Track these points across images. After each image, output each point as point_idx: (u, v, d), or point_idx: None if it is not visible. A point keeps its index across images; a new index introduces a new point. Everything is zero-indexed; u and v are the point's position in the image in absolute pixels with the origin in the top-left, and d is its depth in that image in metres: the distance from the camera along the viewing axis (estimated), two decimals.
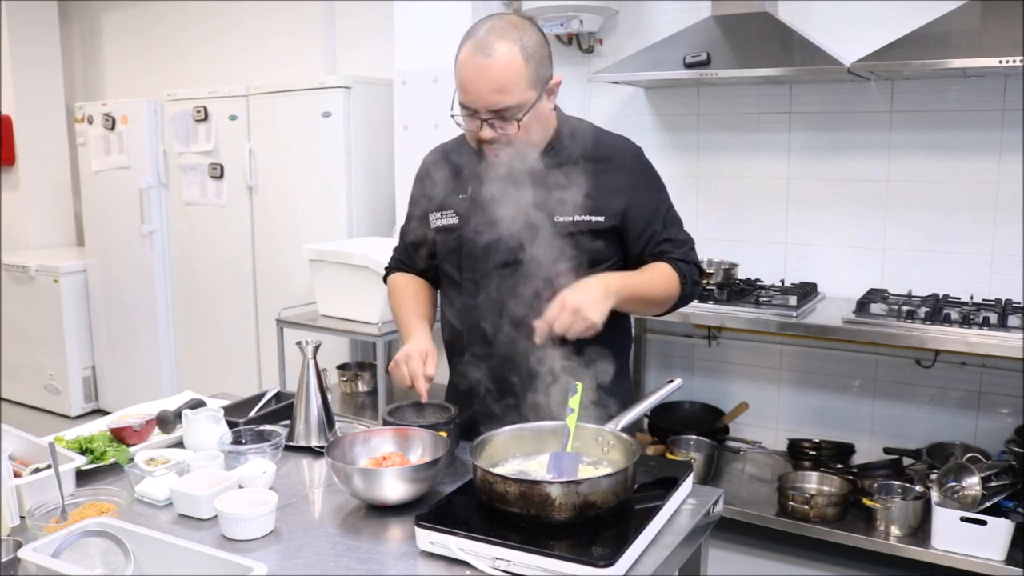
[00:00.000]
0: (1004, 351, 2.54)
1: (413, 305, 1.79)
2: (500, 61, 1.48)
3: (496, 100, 1.50)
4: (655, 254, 1.67)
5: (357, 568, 1.24)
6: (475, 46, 1.50)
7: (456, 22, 3.40)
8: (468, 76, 1.51)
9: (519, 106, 1.51)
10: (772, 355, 3.41)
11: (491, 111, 1.52)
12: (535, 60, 1.52)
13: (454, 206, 1.70)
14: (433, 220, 1.73)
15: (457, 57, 1.54)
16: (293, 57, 4.52)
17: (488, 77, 1.48)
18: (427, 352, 1.62)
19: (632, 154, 1.70)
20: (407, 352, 1.62)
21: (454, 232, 1.70)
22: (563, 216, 1.60)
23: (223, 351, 4.41)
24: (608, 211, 1.62)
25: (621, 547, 1.18)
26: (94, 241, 4.85)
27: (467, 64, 1.51)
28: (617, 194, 1.63)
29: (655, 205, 1.68)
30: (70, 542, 1.17)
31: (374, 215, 3.90)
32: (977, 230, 3.00)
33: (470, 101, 1.52)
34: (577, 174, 1.62)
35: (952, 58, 2.59)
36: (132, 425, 1.72)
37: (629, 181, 1.65)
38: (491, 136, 1.55)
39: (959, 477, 2.69)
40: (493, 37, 1.49)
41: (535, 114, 1.55)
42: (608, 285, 1.53)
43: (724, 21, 3.09)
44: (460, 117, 1.58)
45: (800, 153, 3.27)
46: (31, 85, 5.19)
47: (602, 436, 1.44)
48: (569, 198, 1.60)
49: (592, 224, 1.62)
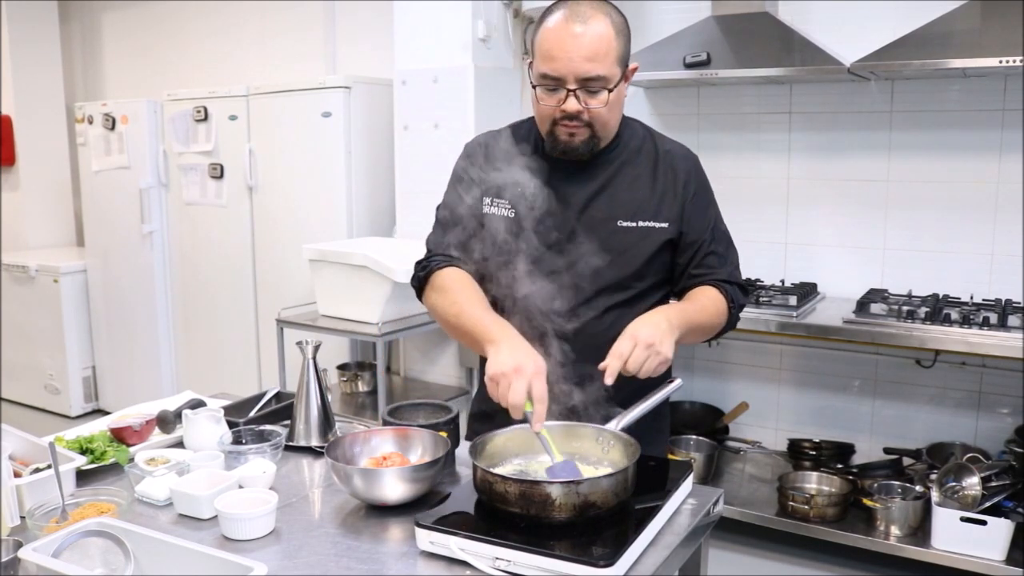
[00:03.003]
0: (1004, 351, 2.54)
1: (481, 304, 1.55)
2: (594, 30, 1.44)
3: (588, 68, 1.45)
4: (699, 269, 1.63)
5: (357, 568, 1.24)
6: (567, 14, 1.45)
7: (456, 22, 3.40)
8: (559, 43, 1.45)
9: (607, 79, 1.47)
10: (772, 355, 3.41)
11: (580, 79, 1.46)
12: (623, 37, 1.50)
13: (510, 197, 1.61)
14: (486, 206, 1.63)
15: (541, 27, 1.49)
16: (293, 57, 4.52)
17: (581, 43, 1.44)
18: (537, 370, 1.37)
19: (693, 161, 1.67)
20: (516, 365, 1.35)
21: (507, 225, 1.60)
22: (626, 221, 1.57)
23: (223, 351, 4.41)
24: (670, 217, 1.59)
25: (621, 547, 1.18)
26: (94, 241, 4.85)
27: (559, 30, 1.45)
28: (677, 201, 1.60)
29: (708, 216, 1.65)
30: (70, 542, 1.17)
31: (374, 215, 3.90)
32: (977, 230, 3.00)
33: (557, 69, 1.46)
34: (641, 176, 1.60)
35: (952, 58, 2.59)
36: (132, 425, 1.72)
37: (689, 189, 1.62)
38: (576, 109, 1.48)
39: (959, 477, 2.69)
40: (585, 8, 1.46)
41: (617, 95, 1.51)
42: (670, 318, 1.46)
43: (724, 21, 3.09)
44: (540, 90, 1.50)
45: (800, 153, 3.27)
46: (31, 85, 5.19)
47: (602, 436, 1.44)
48: (633, 202, 1.58)
49: (655, 230, 1.58)
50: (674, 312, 1.51)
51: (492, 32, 3.46)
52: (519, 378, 1.34)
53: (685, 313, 1.53)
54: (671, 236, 1.60)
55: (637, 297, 1.61)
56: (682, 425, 3.36)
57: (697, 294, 1.62)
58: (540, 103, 1.52)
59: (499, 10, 3.51)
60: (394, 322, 3.32)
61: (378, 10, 4.06)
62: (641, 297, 1.62)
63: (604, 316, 1.58)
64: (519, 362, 1.36)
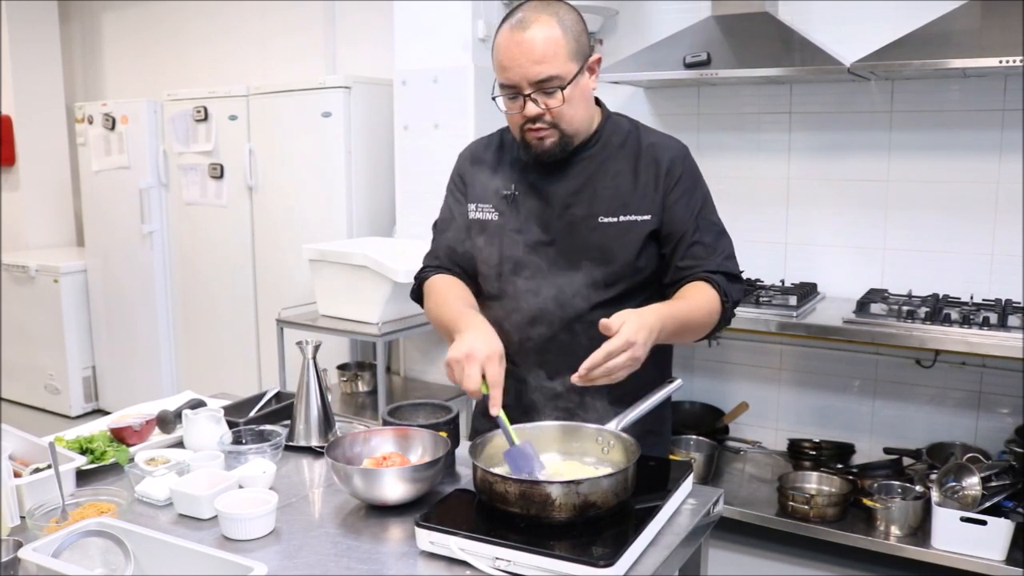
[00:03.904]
0: (1004, 351, 2.54)
1: (460, 300, 1.60)
2: (540, 33, 1.47)
3: (537, 71, 1.47)
4: (685, 261, 1.58)
5: (357, 568, 1.24)
6: (513, 24, 1.49)
7: (456, 22, 3.40)
8: (507, 52, 1.49)
9: (559, 77, 1.48)
10: (772, 355, 3.41)
11: (532, 83, 1.48)
12: (573, 33, 1.50)
13: (494, 201, 1.64)
14: (471, 212, 1.67)
15: (495, 41, 1.52)
16: (293, 57, 4.52)
17: (527, 49, 1.46)
18: (490, 354, 1.38)
19: (677, 151, 1.64)
20: (467, 351, 1.37)
21: (492, 228, 1.63)
22: (607, 217, 1.57)
23: (223, 351, 4.41)
24: (651, 209, 1.58)
25: (621, 547, 1.18)
26: (94, 241, 4.85)
27: (506, 41, 1.49)
28: (659, 191, 1.59)
29: (691, 205, 1.60)
30: (70, 542, 1.17)
31: (374, 215, 3.90)
32: (977, 230, 3.00)
33: (510, 78, 1.50)
34: (622, 171, 1.59)
35: (952, 58, 2.59)
36: (132, 425, 1.72)
37: (671, 178, 1.60)
38: (535, 112, 1.50)
39: (959, 477, 2.69)
40: (530, 13, 1.48)
41: (578, 89, 1.52)
42: (663, 321, 1.40)
43: (724, 21, 3.09)
44: (501, 101, 1.54)
45: (800, 153, 3.27)
46: (31, 85, 5.19)
47: (602, 436, 1.44)
48: (614, 197, 1.57)
49: (638, 224, 1.58)
50: (669, 317, 1.43)
51: (492, 32, 3.45)
52: (471, 363, 1.35)
53: (678, 316, 1.47)
54: (654, 227, 1.58)
55: (626, 294, 1.59)
56: (682, 425, 3.35)
57: (690, 291, 1.57)
58: (506, 112, 1.56)
59: (499, 10, 3.51)
60: (394, 322, 3.32)
61: (378, 10, 4.06)
62: (630, 293, 1.60)
63: (592, 312, 1.55)
64: (472, 347, 1.37)
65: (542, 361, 1.57)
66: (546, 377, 1.54)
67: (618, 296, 1.59)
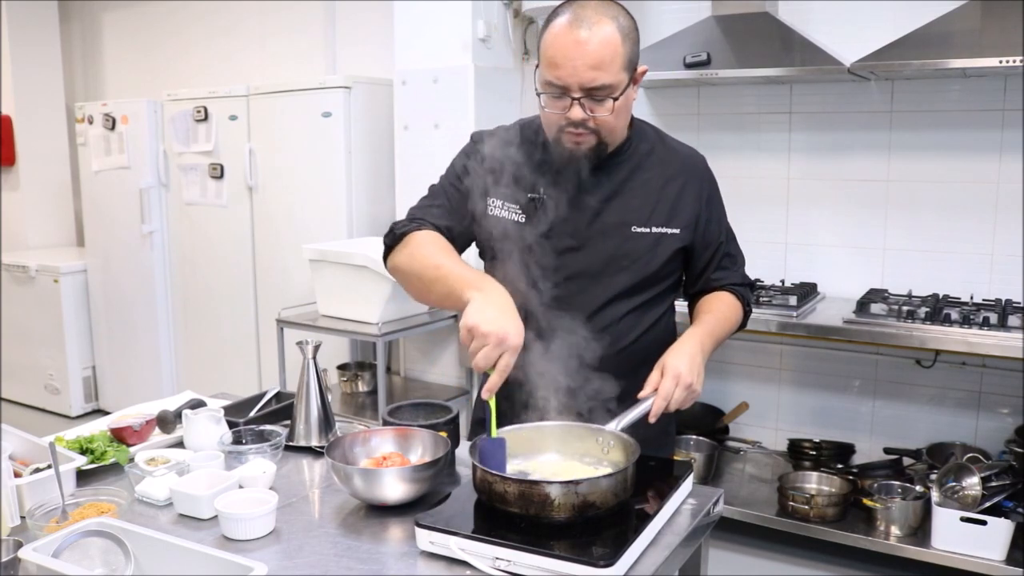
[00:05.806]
0: (1004, 351, 2.54)
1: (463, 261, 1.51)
2: (599, 36, 1.38)
3: (592, 77, 1.39)
4: (717, 272, 1.68)
5: (357, 568, 1.24)
6: (571, 19, 1.39)
7: (456, 22, 3.40)
8: (563, 50, 1.39)
9: (613, 87, 1.41)
10: (772, 355, 3.41)
11: (584, 89, 1.41)
12: (631, 41, 1.43)
13: (520, 202, 1.56)
14: (491, 208, 1.58)
15: (546, 32, 1.43)
16: (293, 57, 4.52)
17: (585, 51, 1.38)
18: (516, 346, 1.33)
19: (703, 163, 1.67)
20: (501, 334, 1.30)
21: (515, 229, 1.55)
22: (640, 227, 1.56)
23: (223, 351, 4.41)
24: (683, 222, 1.59)
25: (621, 547, 1.18)
26: (94, 241, 4.86)
27: (562, 37, 1.39)
28: (692, 205, 1.59)
29: (722, 218, 1.69)
30: (70, 542, 1.17)
31: (374, 215, 3.90)
32: (977, 230, 3.00)
33: (561, 77, 1.40)
34: (651, 180, 1.58)
35: (952, 58, 2.59)
36: (132, 425, 1.72)
37: (703, 194, 1.62)
38: (581, 117, 1.43)
39: (959, 477, 2.69)
40: (590, 12, 1.40)
41: (624, 101, 1.46)
42: (704, 347, 1.56)
43: (724, 21, 3.09)
44: (545, 97, 1.46)
45: (800, 153, 3.27)
46: (31, 85, 5.19)
47: (602, 436, 1.44)
48: (645, 206, 1.56)
49: (667, 236, 1.57)
50: (706, 336, 1.58)
51: (492, 32, 3.46)
52: (496, 348, 1.31)
53: (714, 334, 1.61)
54: (684, 243, 1.60)
55: (651, 302, 1.62)
56: (682, 425, 3.35)
57: (718, 303, 1.67)
58: (545, 109, 1.49)
59: (499, 10, 3.52)
60: (394, 322, 3.32)
61: (378, 10, 4.06)
62: (654, 302, 1.63)
63: (621, 322, 1.58)
64: (506, 331, 1.31)
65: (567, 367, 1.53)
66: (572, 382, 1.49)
67: (644, 304, 1.61)
